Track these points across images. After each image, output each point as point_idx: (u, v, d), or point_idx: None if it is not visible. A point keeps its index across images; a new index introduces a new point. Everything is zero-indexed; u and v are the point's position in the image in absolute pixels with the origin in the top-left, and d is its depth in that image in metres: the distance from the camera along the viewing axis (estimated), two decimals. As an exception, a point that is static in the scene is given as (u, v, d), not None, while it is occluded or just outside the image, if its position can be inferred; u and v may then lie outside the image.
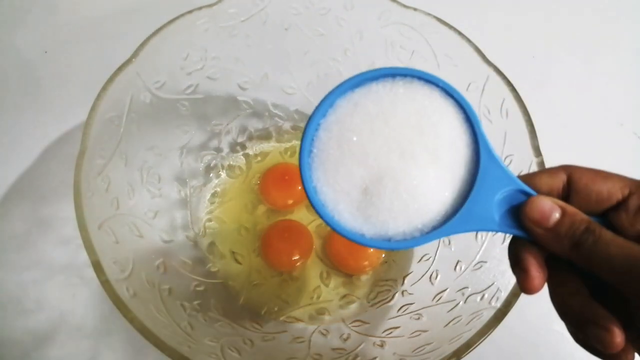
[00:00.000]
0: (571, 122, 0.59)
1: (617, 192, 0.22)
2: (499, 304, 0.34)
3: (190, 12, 0.43)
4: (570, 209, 0.22)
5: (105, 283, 0.32)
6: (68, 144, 0.54)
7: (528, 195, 0.24)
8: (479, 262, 0.40)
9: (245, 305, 0.46)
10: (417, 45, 0.45)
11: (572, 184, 0.23)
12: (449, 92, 0.26)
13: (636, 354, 0.22)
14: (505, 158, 0.41)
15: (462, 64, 0.43)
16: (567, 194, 0.23)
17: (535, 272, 0.23)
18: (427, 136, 0.25)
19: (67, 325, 0.45)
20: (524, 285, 0.23)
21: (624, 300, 0.21)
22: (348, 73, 0.54)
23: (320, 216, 0.26)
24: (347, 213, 0.26)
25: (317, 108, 0.27)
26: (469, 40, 0.42)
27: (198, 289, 0.43)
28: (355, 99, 0.27)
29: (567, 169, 0.23)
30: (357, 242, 0.26)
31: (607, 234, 0.21)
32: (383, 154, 0.25)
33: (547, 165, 0.37)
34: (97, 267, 0.32)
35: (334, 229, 0.26)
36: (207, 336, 0.37)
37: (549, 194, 0.23)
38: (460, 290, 0.39)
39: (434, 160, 0.25)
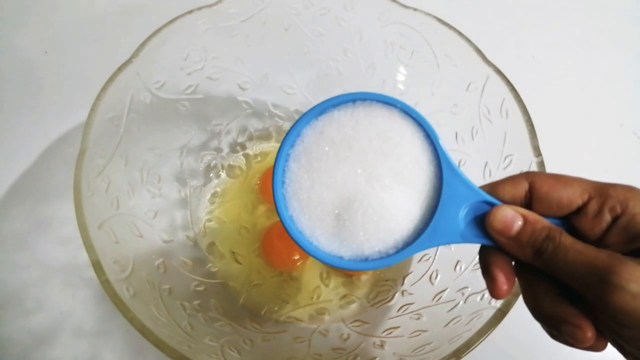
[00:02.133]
0: (571, 122, 0.59)
1: (577, 199, 0.22)
2: (498, 304, 0.34)
3: (190, 12, 0.43)
4: (531, 217, 0.23)
5: (105, 283, 0.32)
6: (68, 144, 0.54)
7: (492, 205, 0.24)
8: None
9: (245, 305, 0.46)
10: (417, 45, 0.45)
11: (533, 191, 0.23)
12: (408, 112, 0.27)
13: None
14: (505, 158, 0.41)
15: (462, 64, 0.43)
16: (529, 201, 0.24)
17: (502, 278, 0.24)
18: (390, 158, 0.26)
19: (67, 325, 0.45)
20: (491, 292, 0.24)
21: None
22: (348, 73, 0.54)
23: (298, 244, 0.27)
24: (324, 238, 0.27)
25: (285, 139, 0.28)
26: (468, 40, 0.42)
27: (198, 289, 0.43)
28: (320, 128, 0.28)
29: (529, 177, 0.24)
30: (336, 265, 0.27)
31: (567, 240, 0.21)
32: (350, 179, 0.26)
33: (547, 164, 0.37)
34: (97, 267, 0.32)
35: (311, 256, 0.27)
36: (207, 336, 0.37)
37: (512, 202, 0.24)
38: (460, 290, 0.39)
39: (399, 180, 0.26)
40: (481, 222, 0.24)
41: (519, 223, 0.23)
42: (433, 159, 0.26)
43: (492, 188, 0.25)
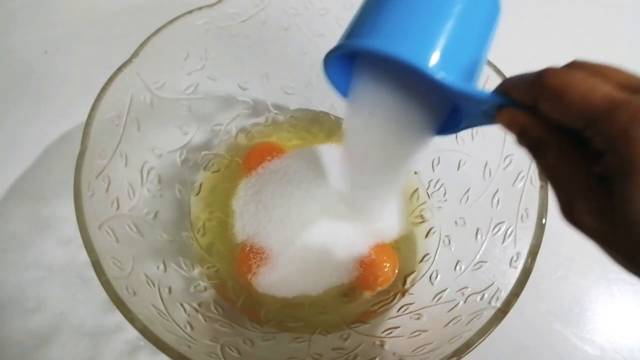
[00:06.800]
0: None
1: (572, 125, 0.22)
2: (499, 304, 0.34)
3: (190, 12, 0.43)
4: (528, 127, 0.24)
5: (105, 283, 0.32)
6: (68, 144, 0.54)
7: (501, 105, 0.26)
8: (479, 262, 0.40)
9: (244, 305, 0.46)
10: (417, 45, 0.45)
11: (538, 105, 0.24)
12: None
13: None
14: (505, 158, 0.41)
15: (462, 64, 0.43)
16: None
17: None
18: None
19: (67, 325, 0.45)
20: None
21: None
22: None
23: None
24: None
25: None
26: (468, 40, 0.42)
27: (198, 289, 0.43)
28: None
29: (535, 92, 0.24)
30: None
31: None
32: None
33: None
34: (97, 267, 0.32)
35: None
36: (207, 336, 0.37)
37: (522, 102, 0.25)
38: (460, 290, 0.39)
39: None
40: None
41: (516, 128, 0.25)
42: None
43: (506, 88, 0.26)
